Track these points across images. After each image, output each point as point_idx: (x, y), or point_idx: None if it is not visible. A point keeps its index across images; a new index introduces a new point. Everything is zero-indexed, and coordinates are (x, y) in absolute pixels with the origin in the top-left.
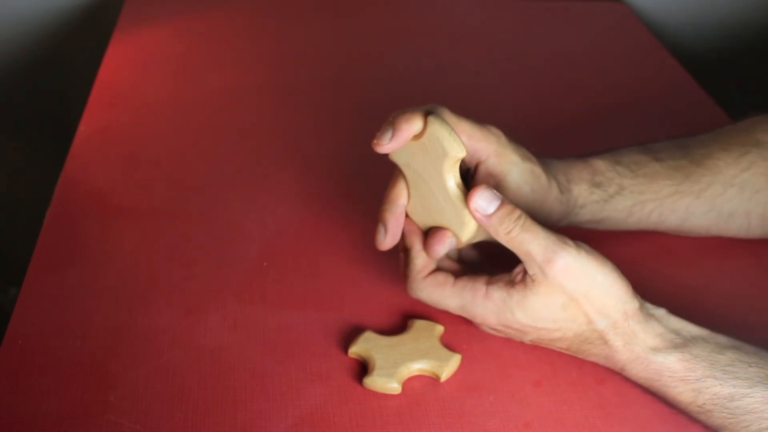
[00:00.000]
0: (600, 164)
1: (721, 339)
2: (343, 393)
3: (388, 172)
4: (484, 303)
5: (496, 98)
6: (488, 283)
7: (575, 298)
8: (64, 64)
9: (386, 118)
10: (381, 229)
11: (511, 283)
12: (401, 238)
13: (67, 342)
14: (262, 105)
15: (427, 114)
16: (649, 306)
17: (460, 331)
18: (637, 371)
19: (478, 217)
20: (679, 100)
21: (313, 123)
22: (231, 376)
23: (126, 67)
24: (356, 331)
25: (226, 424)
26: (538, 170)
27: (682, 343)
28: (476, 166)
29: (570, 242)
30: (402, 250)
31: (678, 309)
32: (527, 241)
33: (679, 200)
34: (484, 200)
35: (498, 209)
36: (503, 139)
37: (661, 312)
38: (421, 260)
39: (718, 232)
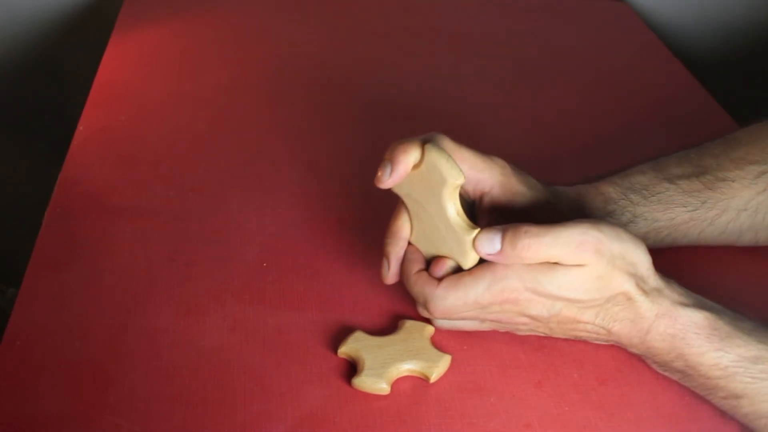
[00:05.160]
0: (611, 191)
1: (738, 314)
2: (342, 394)
3: None
4: (505, 271)
5: (495, 97)
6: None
7: (608, 265)
8: (62, 64)
9: (385, 128)
10: (385, 264)
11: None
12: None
13: (65, 342)
14: (261, 105)
15: (424, 143)
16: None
17: (454, 332)
18: (664, 327)
19: (493, 260)
20: (680, 99)
21: (313, 123)
22: (230, 377)
23: (125, 66)
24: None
25: (226, 425)
26: (544, 200)
27: (706, 306)
28: (481, 198)
29: (584, 222)
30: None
31: None
32: (549, 244)
33: (693, 227)
34: (487, 243)
35: (503, 240)
36: (508, 169)
37: (672, 279)
38: (416, 266)
39: (727, 245)
